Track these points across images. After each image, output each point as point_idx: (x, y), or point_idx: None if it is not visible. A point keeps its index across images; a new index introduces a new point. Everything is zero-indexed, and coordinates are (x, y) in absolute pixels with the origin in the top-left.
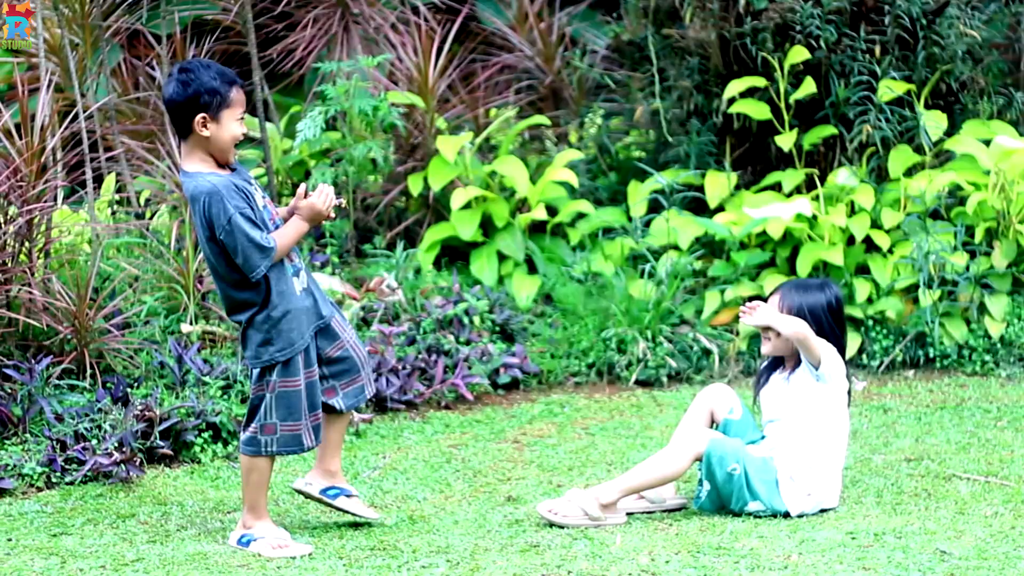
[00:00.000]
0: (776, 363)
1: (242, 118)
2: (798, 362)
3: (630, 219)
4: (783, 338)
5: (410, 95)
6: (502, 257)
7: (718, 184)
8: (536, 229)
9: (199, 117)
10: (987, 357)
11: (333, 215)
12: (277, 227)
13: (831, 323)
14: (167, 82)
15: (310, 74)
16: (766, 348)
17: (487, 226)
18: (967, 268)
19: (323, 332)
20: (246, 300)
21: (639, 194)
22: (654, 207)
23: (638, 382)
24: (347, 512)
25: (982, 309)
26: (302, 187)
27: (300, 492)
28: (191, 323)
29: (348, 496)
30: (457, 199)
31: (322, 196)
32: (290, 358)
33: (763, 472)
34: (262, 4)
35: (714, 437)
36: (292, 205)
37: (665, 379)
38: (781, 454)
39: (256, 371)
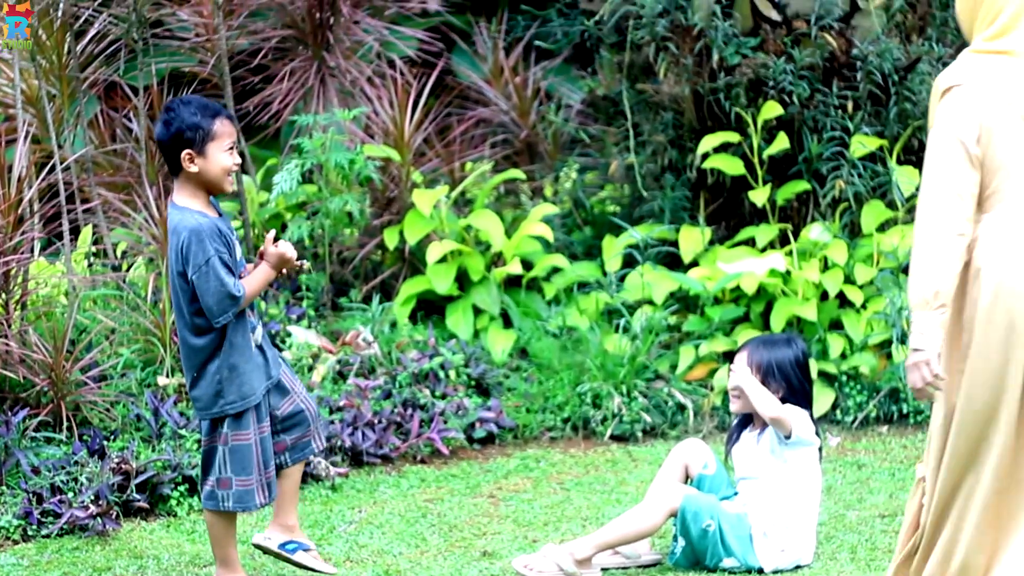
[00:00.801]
0: (747, 420)
1: (232, 148)
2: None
3: (605, 274)
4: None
5: (386, 148)
6: (477, 311)
7: (692, 239)
8: (511, 283)
9: (185, 153)
10: None
11: (303, 267)
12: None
13: (799, 378)
14: (156, 124)
15: (286, 127)
16: (735, 406)
17: (463, 280)
18: None
19: (274, 388)
20: (201, 347)
21: (614, 249)
22: (629, 262)
23: (613, 437)
24: (305, 567)
25: None
26: (271, 233)
27: (259, 547)
28: (167, 376)
29: (306, 550)
30: (433, 253)
31: (291, 247)
32: (242, 411)
33: (737, 528)
34: (239, 57)
35: (688, 493)
36: (261, 251)
37: (640, 434)
38: (755, 510)
39: (207, 423)
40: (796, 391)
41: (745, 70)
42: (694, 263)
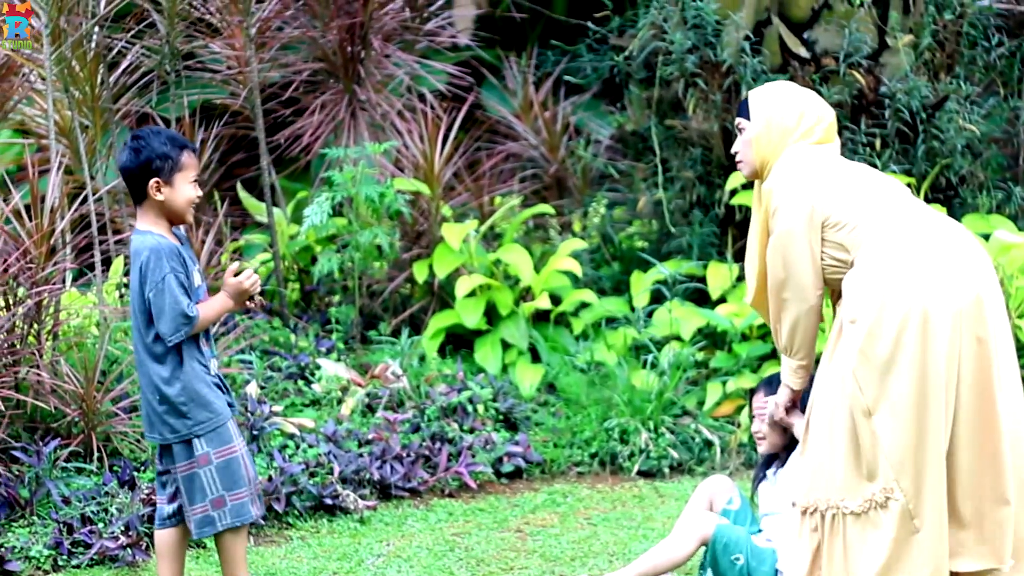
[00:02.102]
0: (771, 459)
1: (196, 181)
2: (785, 459)
3: (633, 309)
4: (776, 436)
5: (416, 182)
6: (506, 345)
7: (720, 275)
8: (540, 318)
9: (152, 182)
10: None
11: (256, 300)
12: None
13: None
14: (121, 151)
15: (317, 160)
16: (763, 448)
17: (491, 314)
18: None
19: None
20: (159, 373)
21: (642, 284)
22: (657, 297)
23: (640, 472)
24: None
25: None
26: (233, 265)
27: None
28: None
29: None
30: (462, 287)
31: (250, 279)
32: (217, 427)
33: (764, 564)
34: (270, 89)
35: (720, 523)
36: (223, 281)
37: (667, 470)
38: (779, 546)
39: (180, 448)
40: None
41: None
42: (722, 299)
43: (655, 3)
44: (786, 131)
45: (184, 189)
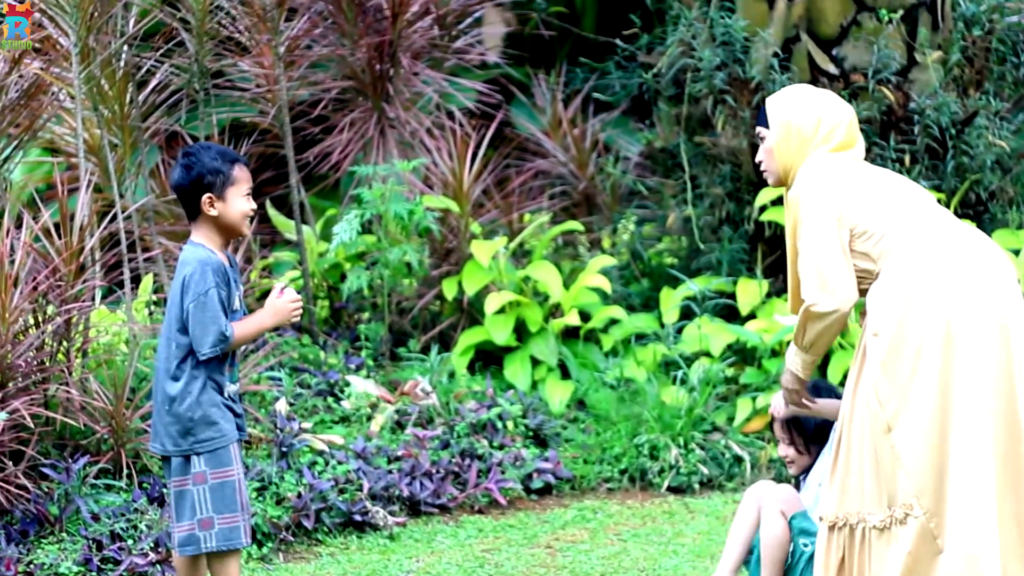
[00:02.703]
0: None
1: (249, 194)
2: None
3: (662, 325)
4: (804, 458)
5: (445, 199)
6: (535, 362)
7: (750, 291)
8: (569, 334)
9: (205, 197)
10: None
11: (295, 319)
12: None
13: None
14: (173, 168)
15: (346, 177)
16: (793, 470)
17: (521, 331)
18: None
19: None
20: (175, 394)
21: (671, 301)
22: (686, 314)
23: (670, 488)
24: None
25: None
26: (278, 284)
27: None
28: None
29: None
30: (491, 304)
31: (293, 301)
32: (219, 447)
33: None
34: (299, 107)
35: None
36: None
37: (697, 486)
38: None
39: (177, 462)
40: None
41: None
42: (751, 315)
43: (683, 20)
44: (805, 138)
45: (237, 203)
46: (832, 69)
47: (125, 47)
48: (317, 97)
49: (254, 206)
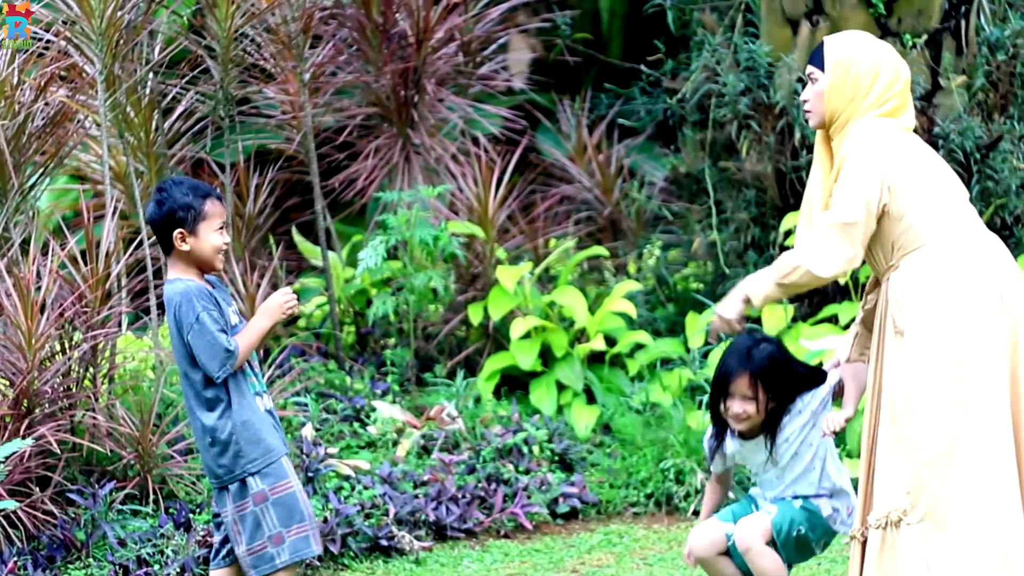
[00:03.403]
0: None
1: (222, 228)
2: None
3: (688, 350)
4: (758, 416)
5: (470, 225)
6: (561, 387)
7: (775, 316)
8: (595, 359)
9: (176, 233)
10: None
11: (291, 313)
12: None
13: (790, 364)
14: (147, 203)
15: (372, 203)
16: (743, 426)
17: (546, 356)
18: None
19: None
20: (212, 422)
21: (697, 325)
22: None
23: (696, 513)
24: None
25: None
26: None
27: None
28: None
29: None
30: (516, 329)
31: (280, 294)
32: (271, 463)
33: (817, 518)
34: (325, 134)
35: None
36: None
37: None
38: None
39: (235, 487)
40: (800, 376)
41: None
42: None
43: (708, 46)
44: (860, 87)
45: (209, 237)
46: None
47: (151, 75)
48: (342, 124)
49: (227, 240)
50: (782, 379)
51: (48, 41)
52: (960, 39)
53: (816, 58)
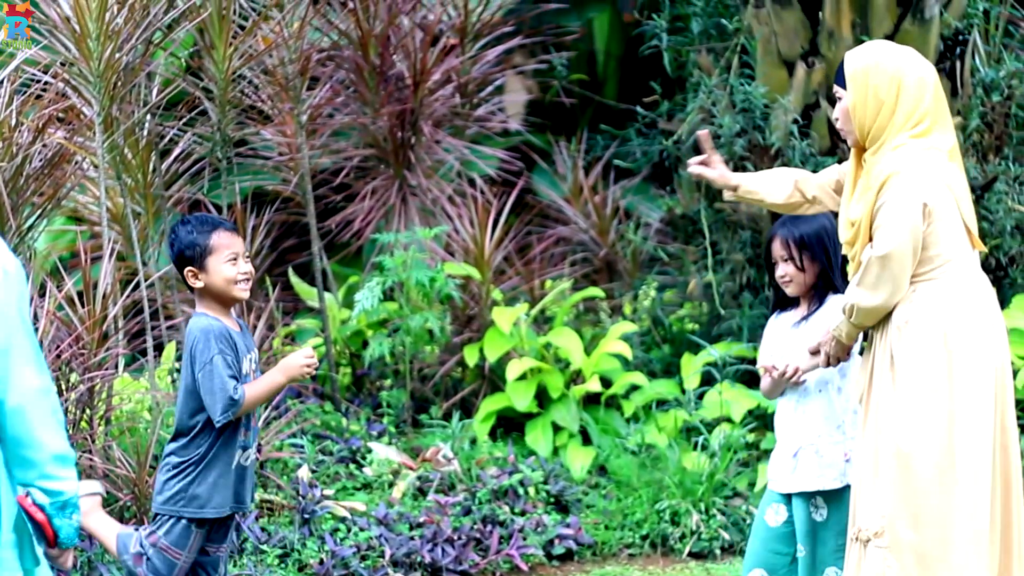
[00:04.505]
0: (790, 302)
1: (235, 258)
2: (813, 310)
3: (683, 391)
4: (802, 273)
5: (466, 266)
6: (557, 428)
7: None
8: (590, 400)
9: (188, 271)
10: None
11: (309, 374)
12: None
13: (834, 247)
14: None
15: (368, 245)
16: (791, 290)
17: (542, 397)
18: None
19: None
20: (176, 451)
21: (692, 367)
22: (707, 380)
23: (691, 554)
24: None
25: None
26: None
27: None
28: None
29: None
30: (512, 370)
31: (302, 354)
32: (192, 520)
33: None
34: (321, 175)
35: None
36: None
37: (718, 551)
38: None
39: (157, 515)
40: (833, 257)
41: None
42: None
43: (703, 87)
44: (883, 99)
45: (220, 270)
46: None
47: (148, 116)
48: (339, 165)
49: (244, 270)
50: (816, 247)
51: (46, 83)
52: (955, 80)
53: (839, 75)
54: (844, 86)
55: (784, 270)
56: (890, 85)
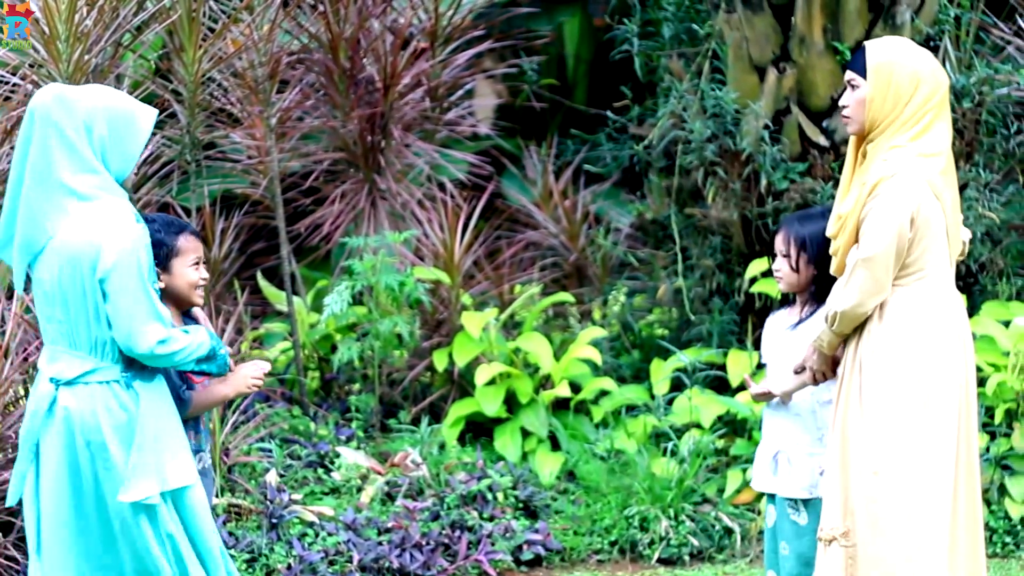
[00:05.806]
0: (788, 300)
1: (198, 263)
2: (810, 312)
3: (653, 397)
4: (793, 275)
5: (436, 271)
6: (526, 433)
7: (740, 363)
8: (560, 406)
9: None
10: (1007, 539)
11: (255, 389)
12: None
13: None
14: None
15: (337, 248)
16: (782, 286)
17: (511, 402)
18: (987, 449)
19: None
20: None
21: (662, 372)
22: (677, 385)
23: (660, 560)
24: None
25: (1002, 491)
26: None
27: None
28: (216, 495)
29: None
30: (481, 375)
31: (255, 369)
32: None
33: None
34: (291, 179)
35: None
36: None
37: (687, 557)
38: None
39: None
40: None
41: (793, 195)
42: (742, 387)
43: (674, 92)
44: (901, 95)
45: (183, 273)
46: (823, 141)
47: None
48: (308, 168)
49: (204, 275)
50: (811, 248)
51: (15, 85)
52: None
53: (857, 63)
54: (864, 75)
55: (779, 265)
56: (910, 80)
